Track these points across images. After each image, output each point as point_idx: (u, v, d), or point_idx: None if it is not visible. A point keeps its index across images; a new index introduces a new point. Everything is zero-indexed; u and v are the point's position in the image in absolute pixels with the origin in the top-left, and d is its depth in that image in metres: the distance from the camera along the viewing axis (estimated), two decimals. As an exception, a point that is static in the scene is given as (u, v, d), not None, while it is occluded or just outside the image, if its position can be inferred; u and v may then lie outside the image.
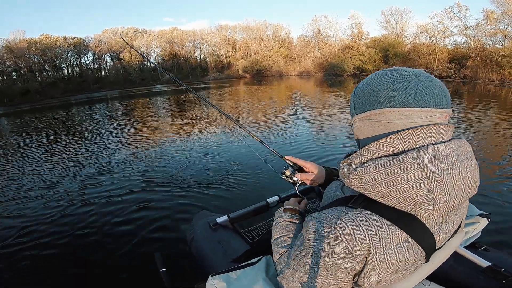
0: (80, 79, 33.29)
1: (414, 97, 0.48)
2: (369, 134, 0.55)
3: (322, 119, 6.72)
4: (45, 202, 3.10)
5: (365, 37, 28.12)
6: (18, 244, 2.33)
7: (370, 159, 0.51)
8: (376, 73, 0.56)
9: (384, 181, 0.47)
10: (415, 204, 0.47)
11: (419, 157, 0.46)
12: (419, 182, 0.45)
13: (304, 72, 30.32)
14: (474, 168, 0.51)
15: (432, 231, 0.51)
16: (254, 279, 0.74)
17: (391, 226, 0.48)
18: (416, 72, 0.51)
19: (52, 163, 4.62)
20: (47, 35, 31.78)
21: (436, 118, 0.50)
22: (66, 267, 2.01)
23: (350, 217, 0.50)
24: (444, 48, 20.64)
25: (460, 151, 0.50)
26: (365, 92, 0.55)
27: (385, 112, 0.51)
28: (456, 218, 0.55)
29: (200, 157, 4.23)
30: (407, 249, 0.49)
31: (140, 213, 2.67)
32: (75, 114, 12.58)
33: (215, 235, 1.18)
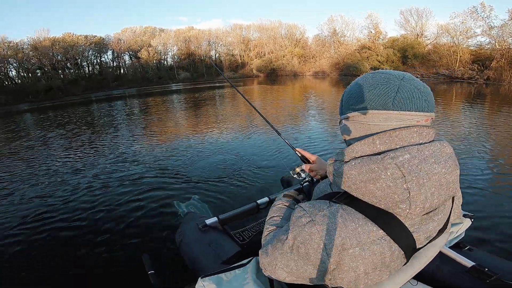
0: (100, 77, 34.41)
1: (393, 100, 0.50)
2: (352, 134, 0.58)
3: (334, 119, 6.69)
4: (43, 196, 3.21)
5: (383, 37, 27.53)
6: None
7: (353, 158, 0.52)
8: (363, 75, 0.59)
9: (364, 179, 0.49)
10: (393, 202, 0.48)
11: (397, 157, 0.47)
12: (396, 181, 0.47)
13: (319, 72, 30.02)
14: (453, 170, 0.52)
15: (411, 230, 0.52)
16: (244, 280, 0.75)
17: (368, 222, 0.50)
18: (400, 75, 0.53)
19: (62, 157, 4.83)
20: (70, 34, 32.99)
21: (415, 121, 0.51)
22: (49, 267, 1.99)
23: (331, 211, 0.52)
24: (466, 49, 19.90)
25: (439, 153, 0.51)
26: (349, 94, 0.58)
27: (366, 114, 0.53)
28: (437, 218, 0.55)
29: (203, 155, 4.25)
30: (383, 246, 0.50)
31: (128, 213, 2.64)
32: (96, 110, 13.08)
33: (205, 237, 1.17)
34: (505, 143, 4.24)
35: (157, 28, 39.18)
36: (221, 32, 39.31)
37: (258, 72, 34.31)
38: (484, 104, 8.63)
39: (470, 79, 16.93)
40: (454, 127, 5.29)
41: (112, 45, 35.77)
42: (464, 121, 5.89)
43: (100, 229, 2.41)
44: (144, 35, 37.36)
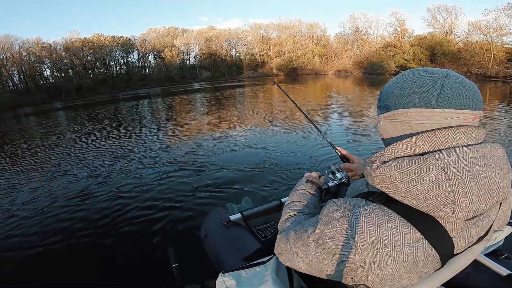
0: (127, 77, 35.82)
1: (437, 98, 0.48)
2: (393, 134, 0.55)
3: (360, 118, 6.71)
4: (69, 186, 3.42)
5: (409, 34, 26.74)
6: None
7: (393, 158, 0.50)
8: (402, 73, 0.56)
9: (404, 181, 0.47)
10: (435, 205, 0.46)
11: (442, 158, 0.45)
12: (440, 184, 0.44)
13: (341, 71, 29.62)
14: (505, 174, 0.48)
15: (451, 235, 0.50)
16: (264, 278, 0.74)
17: (406, 224, 0.48)
18: (443, 72, 0.51)
19: (94, 152, 5.09)
20: (98, 35, 34.53)
21: (462, 119, 0.48)
22: (79, 256, 2.08)
23: (367, 209, 0.51)
24: (501, 47, 18.98)
25: (490, 155, 0.47)
26: (389, 92, 0.56)
27: (407, 112, 0.51)
28: (481, 224, 0.52)
29: (224, 154, 4.26)
30: (418, 249, 0.48)
31: (156, 206, 2.71)
32: (125, 108, 13.65)
33: (228, 232, 1.18)
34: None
35: (180, 28, 40.23)
36: (241, 32, 39.70)
37: (278, 71, 34.38)
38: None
39: (506, 78, 16.18)
40: (493, 128, 5.02)
41: (138, 45, 37.12)
42: (502, 121, 5.64)
43: (128, 220, 2.52)
44: (167, 36, 38.43)
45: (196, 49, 39.23)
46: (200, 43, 38.49)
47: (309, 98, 11.58)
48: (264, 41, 38.41)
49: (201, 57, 38.93)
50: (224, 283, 0.74)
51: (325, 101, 10.59)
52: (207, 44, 38.23)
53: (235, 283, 0.73)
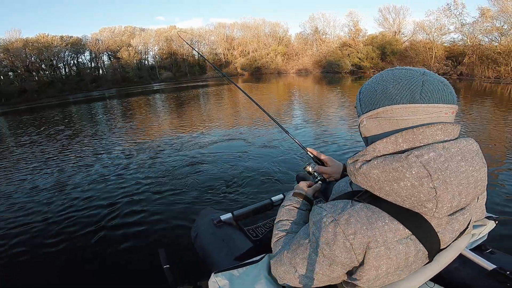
0: (78, 78, 33.13)
1: (421, 93, 0.49)
2: (377, 132, 0.56)
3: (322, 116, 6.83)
4: (51, 197, 3.19)
5: (363, 34, 28.17)
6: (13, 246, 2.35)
7: (375, 157, 0.51)
8: (381, 73, 0.58)
9: (387, 179, 0.48)
10: (418, 202, 0.47)
11: (422, 155, 0.46)
12: (422, 180, 0.46)
13: (302, 70, 30.35)
14: (481, 167, 0.51)
15: (437, 230, 0.51)
16: (256, 277, 0.75)
17: (394, 221, 0.49)
18: (420, 70, 0.53)
19: (59, 159, 4.69)
20: (44, 34, 31.57)
21: (444, 113, 0.50)
22: (68, 260, 2.04)
23: (355, 209, 0.51)
24: (441, 45, 20.74)
25: (466, 150, 0.50)
26: (371, 91, 0.56)
27: (392, 109, 0.52)
28: (463, 218, 0.54)
29: (212, 155, 4.23)
30: (409, 246, 0.50)
31: (146, 208, 2.69)
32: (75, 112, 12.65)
33: (219, 232, 1.18)
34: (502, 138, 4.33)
35: (137, 28, 38.29)
36: (204, 31, 38.90)
37: (242, 71, 34.25)
38: (459, 99, 9.04)
39: (445, 75, 17.69)
40: None
41: (90, 45, 34.52)
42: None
43: (118, 223, 2.49)
44: (123, 35, 36.31)
45: (156, 49, 37.61)
46: (159, 43, 36.95)
47: (274, 97, 11.68)
48: (228, 40, 38.06)
49: (160, 57, 37.38)
50: (216, 283, 0.74)
51: (288, 100, 10.80)
52: (167, 44, 36.85)
53: (227, 283, 0.74)
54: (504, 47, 15.93)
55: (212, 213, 1.37)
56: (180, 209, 2.64)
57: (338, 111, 7.41)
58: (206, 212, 1.41)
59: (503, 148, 3.86)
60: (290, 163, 3.56)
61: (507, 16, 16.85)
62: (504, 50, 15.75)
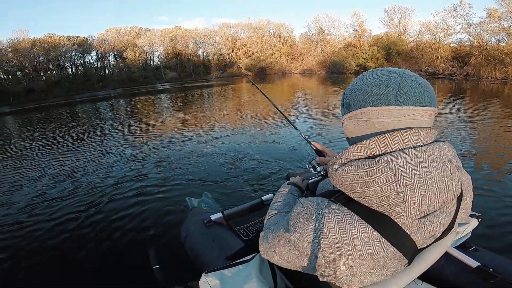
0: (84, 78, 33.48)
1: (396, 95, 0.50)
2: (356, 133, 0.58)
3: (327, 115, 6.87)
4: (45, 193, 3.24)
5: (368, 35, 28.05)
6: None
7: (350, 160, 0.53)
8: (363, 74, 0.59)
9: (359, 182, 0.50)
10: (387, 206, 0.49)
11: (392, 160, 0.48)
12: (390, 185, 0.47)
13: (306, 70, 30.30)
14: (453, 173, 0.52)
15: (408, 232, 0.53)
16: (247, 276, 0.76)
17: (363, 224, 0.51)
18: (399, 71, 0.53)
19: (55, 160, 4.75)
20: (51, 35, 31.96)
21: (419, 116, 0.51)
22: (57, 261, 2.02)
23: (329, 210, 0.54)
24: (447, 46, 20.57)
25: (438, 155, 0.50)
26: (351, 93, 0.58)
27: (369, 111, 0.53)
28: (437, 221, 0.54)
29: (203, 153, 4.27)
30: (377, 247, 0.51)
31: (134, 208, 2.67)
32: (83, 111, 12.82)
33: (209, 232, 1.18)
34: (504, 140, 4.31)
35: (143, 28, 38.57)
36: (208, 31, 39.06)
37: (246, 71, 34.31)
38: (465, 99, 9.00)
39: (451, 75, 17.56)
40: (448, 125, 5.25)
41: (96, 45, 34.89)
42: (459, 117, 5.98)
43: (107, 223, 2.47)
44: (129, 35, 36.63)
45: (161, 49, 37.81)
46: (164, 43, 37.18)
47: (279, 96, 11.74)
48: (233, 41, 38.16)
49: (166, 57, 37.57)
50: (207, 283, 0.75)
51: (294, 99, 10.84)
52: (172, 44, 37.07)
53: (218, 283, 0.74)
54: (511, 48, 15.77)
55: (201, 213, 1.38)
56: (169, 208, 2.62)
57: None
58: (195, 212, 1.41)
59: (502, 148, 3.84)
60: (282, 163, 3.57)
61: (515, 17, 16.67)
62: (511, 50, 15.59)
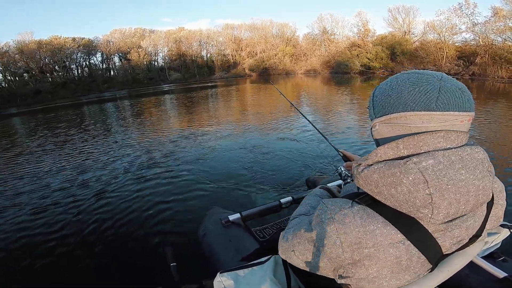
0: (90, 79, 33.81)
1: (436, 100, 0.48)
2: (390, 135, 0.56)
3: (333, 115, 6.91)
4: (62, 194, 3.29)
5: (372, 34, 27.99)
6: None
7: (376, 161, 0.53)
8: (396, 76, 0.57)
9: (386, 183, 0.49)
10: (414, 207, 0.48)
11: (421, 162, 0.47)
12: (418, 186, 0.46)
13: (310, 70, 30.34)
14: (484, 176, 0.50)
15: (435, 236, 0.51)
16: (261, 278, 0.76)
17: (388, 225, 0.50)
18: (438, 75, 0.52)
19: (74, 158, 4.86)
20: (57, 36, 32.29)
21: (459, 121, 0.50)
22: (75, 257, 2.08)
23: (352, 210, 0.53)
24: (452, 45, 20.49)
25: (469, 158, 0.49)
26: (385, 96, 0.55)
27: (406, 115, 0.51)
28: (465, 225, 0.53)
29: (223, 154, 4.30)
30: (400, 250, 0.50)
31: (154, 206, 2.74)
32: (90, 112, 12.98)
33: (226, 232, 1.20)
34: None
35: (147, 29, 38.87)
36: (212, 32, 39.23)
37: (250, 72, 34.43)
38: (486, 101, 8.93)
39: (456, 75, 17.48)
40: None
41: (101, 47, 35.23)
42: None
43: (126, 220, 2.53)
44: (133, 37, 36.93)
45: (165, 50, 38.07)
46: (169, 44, 37.42)
47: (284, 99, 11.66)
48: (236, 41, 38.28)
49: (170, 59, 37.80)
50: (222, 283, 0.75)
51: (299, 99, 10.83)
52: (176, 45, 37.28)
53: (233, 283, 0.75)
54: (518, 47, 15.66)
55: (220, 212, 1.39)
56: (188, 207, 2.67)
57: (350, 111, 7.48)
58: (214, 211, 1.43)
59: None
60: (302, 167, 3.54)
61: (521, 16, 16.57)
62: (518, 50, 15.49)
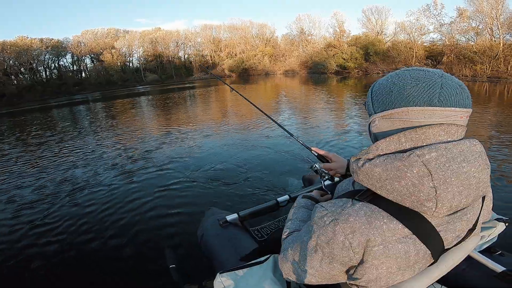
0: (59, 82, 32.16)
1: (439, 96, 0.49)
2: (386, 129, 0.56)
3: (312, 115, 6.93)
4: (55, 198, 3.15)
5: (347, 35, 28.72)
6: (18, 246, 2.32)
7: (378, 155, 0.52)
8: (397, 72, 0.57)
9: (389, 177, 0.49)
10: (418, 201, 0.47)
11: (424, 154, 0.47)
12: (423, 179, 0.46)
13: (289, 71, 30.62)
14: (483, 169, 0.51)
15: (438, 230, 0.51)
16: (261, 277, 0.76)
17: (393, 220, 0.50)
18: (438, 72, 0.52)
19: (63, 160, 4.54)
20: (23, 37, 30.52)
21: (459, 117, 0.51)
22: (74, 259, 2.04)
23: (354, 208, 0.52)
24: (421, 45, 21.45)
25: (469, 151, 0.50)
26: (386, 91, 0.55)
27: (408, 111, 0.51)
28: (466, 218, 0.54)
29: (215, 154, 4.23)
30: (408, 244, 0.50)
31: (152, 208, 2.70)
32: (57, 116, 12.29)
33: (224, 233, 1.19)
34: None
35: (121, 30, 37.60)
36: (190, 33, 38.61)
37: (230, 72, 34.21)
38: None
39: (425, 73, 18.28)
40: None
41: (72, 48, 33.61)
42: None
43: (123, 223, 2.49)
44: (106, 37, 35.56)
45: (140, 51, 36.90)
46: (144, 45, 36.34)
47: (263, 98, 11.74)
48: (215, 42, 37.93)
49: (145, 59, 36.73)
50: (222, 283, 0.75)
51: (278, 99, 10.90)
52: (152, 46, 36.30)
53: (233, 283, 0.75)
54: (480, 46, 16.64)
55: (217, 213, 1.38)
56: (186, 209, 2.64)
57: (326, 110, 7.57)
58: (212, 212, 1.43)
59: (493, 144, 3.92)
60: (296, 164, 3.54)
61: (482, 16, 17.62)
62: (479, 49, 16.45)
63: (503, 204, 2.34)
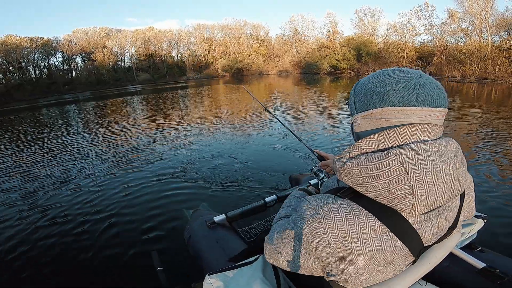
0: (49, 81, 31.60)
1: (417, 96, 0.51)
2: (371, 132, 0.57)
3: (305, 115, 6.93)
4: (36, 202, 3.04)
5: (340, 36, 28.93)
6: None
7: (358, 154, 0.53)
8: (377, 72, 0.58)
9: (368, 175, 0.50)
10: (396, 199, 0.49)
11: (401, 153, 0.48)
12: (399, 178, 0.47)
13: (282, 71, 30.74)
14: (459, 168, 0.52)
15: (415, 227, 0.53)
16: (251, 278, 0.76)
17: (371, 218, 0.51)
18: (417, 73, 0.54)
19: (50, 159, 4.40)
20: (12, 36, 29.93)
21: (436, 116, 0.52)
22: (59, 263, 1.99)
23: (335, 205, 0.54)
24: (412, 46, 21.71)
25: (444, 150, 0.51)
26: (367, 91, 0.56)
27: (388, 110, 0.52)
28: (443, 216, 0.55)
29: (204, 154, 4.19)
30: (385, 242, 0.51)
31: (137, 210, 2.64)
32: (47, 115, 12.04)
33: (212, 234, 1.18)
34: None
35: (113, 29, 37.13)
36: (183, 33, 38.38)
37: (223, 72, 34.16)
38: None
39: (416, 74, 18.52)
40: None
41: (62, 47, 33.07)
42: None
43: (109, 224, 2.43)
44: (98, 36, 35.10)
45: (132, 51, 36.57)
46: (136, 44, 35.97)
47: (258, 98, 11.63)
48: (209, 42, 37.79)
49: (138, 59, 36.39)
50: (211, 285, 0.75)
51: (273, 98, 10.85)
52: (144, 45, 35.96)
53: (222, 284, 0.75)
54: (469, 48, 16.92)
55: (205, 214, 1.37)
56: (173, 210, 2.59)
57: (321, 111, 7.58)
58: (199, 213, 1.42)
59: (477, 143, 3.99)
60: (284, 165, 3.53)
61: (472, 18, 17.93)
62: (468, 50, 16.72)
63: (482, 201, 2.41)
